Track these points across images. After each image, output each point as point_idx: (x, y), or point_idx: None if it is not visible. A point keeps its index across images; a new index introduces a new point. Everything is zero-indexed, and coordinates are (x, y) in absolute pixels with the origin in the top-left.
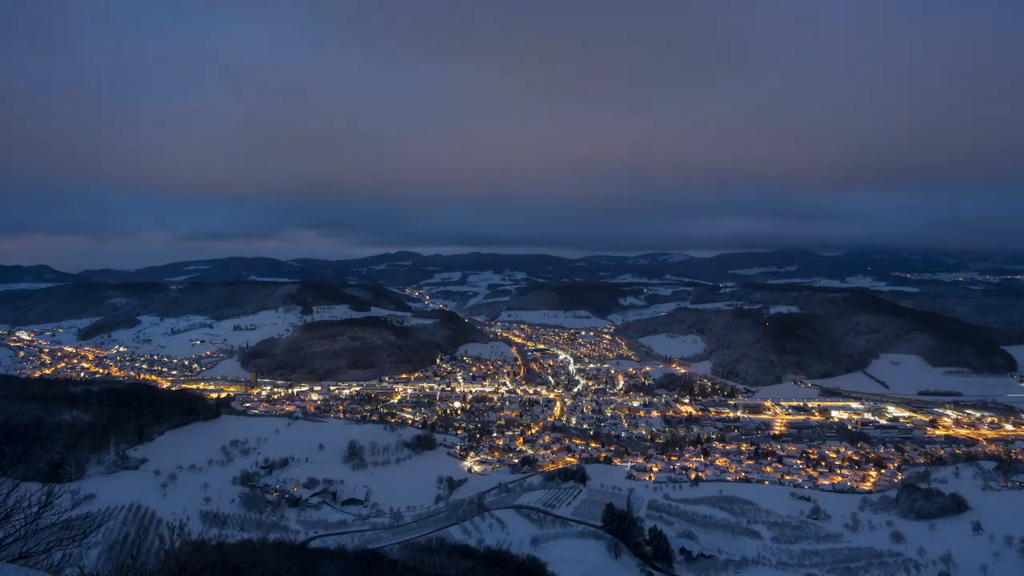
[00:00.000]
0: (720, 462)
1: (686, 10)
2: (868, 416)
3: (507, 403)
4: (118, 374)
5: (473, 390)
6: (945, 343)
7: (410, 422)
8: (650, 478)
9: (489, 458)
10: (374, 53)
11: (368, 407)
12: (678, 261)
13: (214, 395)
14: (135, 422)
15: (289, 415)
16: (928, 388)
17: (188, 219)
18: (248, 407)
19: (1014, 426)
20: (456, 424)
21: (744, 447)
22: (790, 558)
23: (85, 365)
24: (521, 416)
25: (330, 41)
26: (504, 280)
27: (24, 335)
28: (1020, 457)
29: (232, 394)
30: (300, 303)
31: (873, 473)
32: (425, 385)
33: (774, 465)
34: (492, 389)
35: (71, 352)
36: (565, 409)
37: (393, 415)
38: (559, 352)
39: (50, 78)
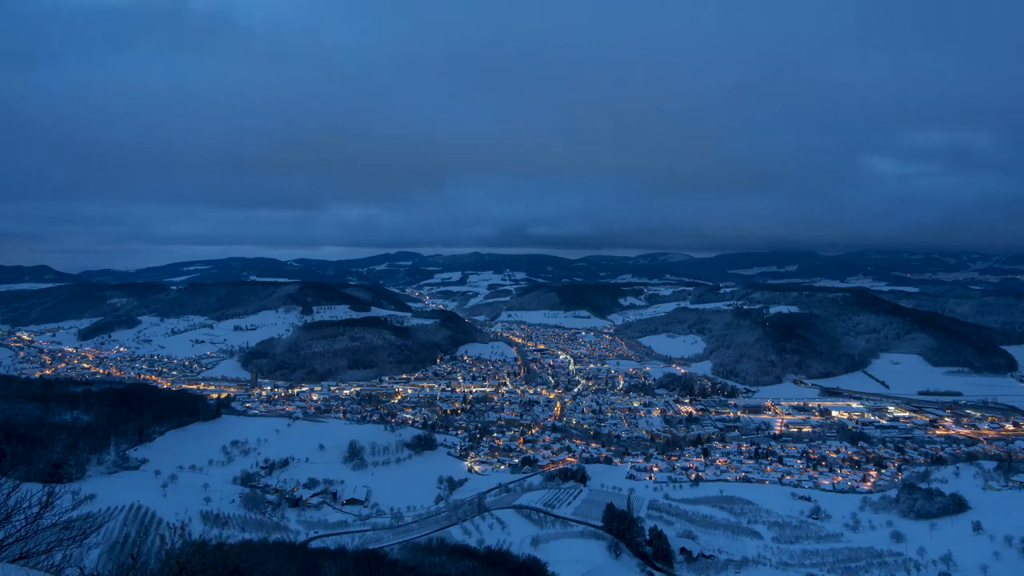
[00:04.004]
0: (720, 462)
1: None
2: (868, 416)
3: (507, 403)
4: (118, 374)
5: (473, 390)
6: (945, 343)
7: (410, 422)
8: (650, 478)
9: (489, 458)
10: None
11: (368, 407)
12: (678, 261)
13: (214, 395)
14: (135, 422)
15: (289, 415)
16: (928, 388)
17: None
18: (248, 407)
19: (1014, 426)
20: (456, 424)
21: (744, 447)
22: (790, 558)
23: (85, 365)
24: (521, 416)
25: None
26: (504, 280)
27: (24, 335)
28: (1020, 457)
29: (232, 394)
30: (300, 303)
31: (873, 473)
32: (425, 385)
33: (774, 465)
34: (492, 389)
35: (71, 352)
36: (565, 409)
37: (393, 415)
38: (559, 352)
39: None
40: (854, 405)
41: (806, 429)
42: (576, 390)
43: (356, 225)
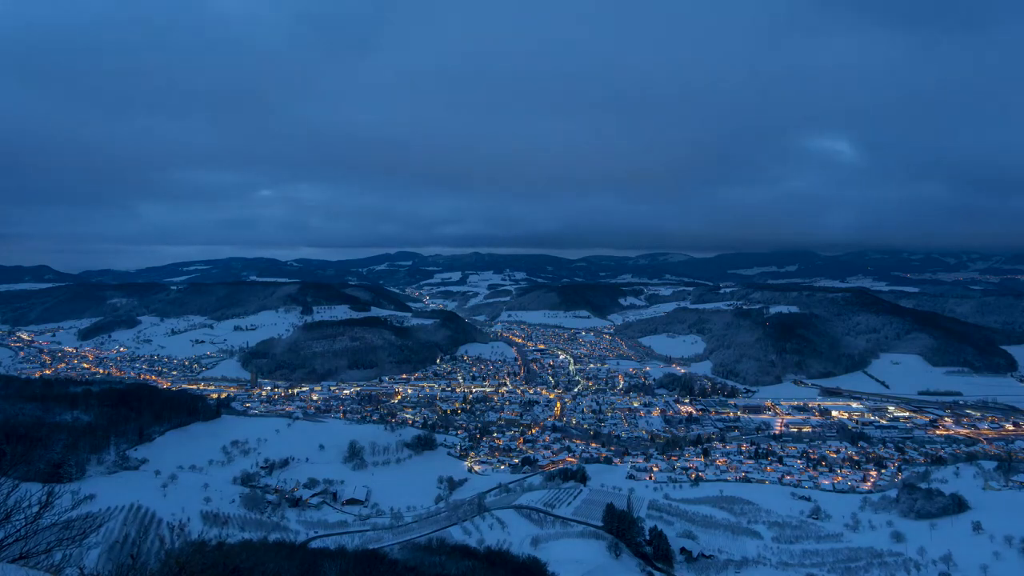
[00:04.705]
0: (720, 462)
1: None
2: (868, 416)
3: (507, 403)
4: (118, 374)
5: (473, 390)
6: (945, 343)
7: (410, 422)
8: (650, 478)
9: (489, 458)
10: None
11: (368, 407)
12: (678, 261)
13: (214, 395)
14: (135, 422)
15: (289, 415)
16: (928, 388)
17: None
18: (248, 407)
19: (1014, 426)
20: (456, 424)
21: (744, 447)
22: (790, 558)
23: (85, 365)
24: (521, 416)
25: None
26: (504, 280)
27: (24, 335)
28: (1020, 457)
29: (232, 394)
30: (300, 303)
31: (873, 473)
32: (425, 385)
33: (774, 465)
34: (492, 389)
35: (71, 352)
36: (565, 409)
37: (393, 415)
38: (559, 352)
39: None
40: (854, 405)
41: (806, 429)
42: (576, 390)
43: None
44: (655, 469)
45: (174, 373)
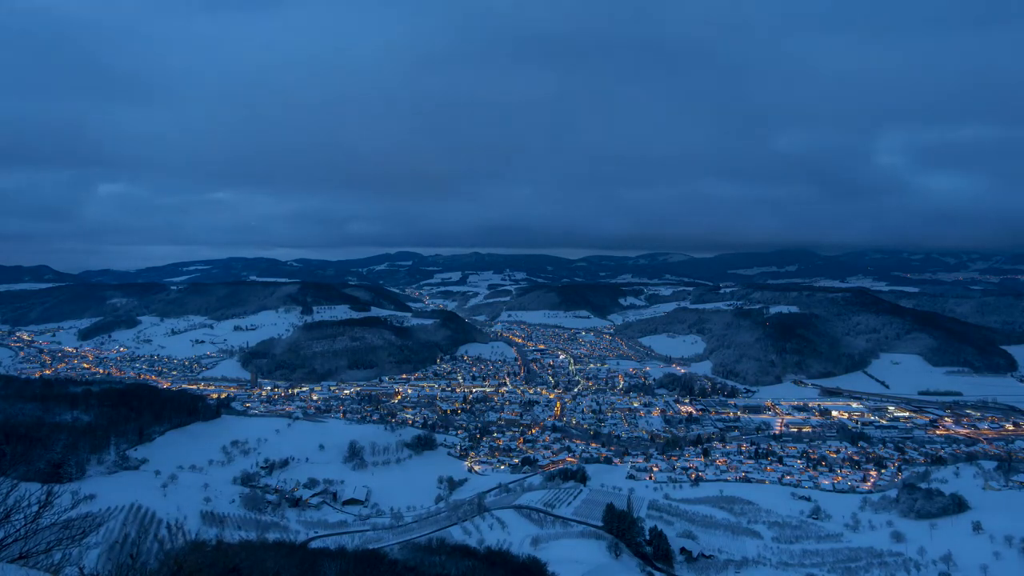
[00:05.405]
0: (720, 462)
1: None
2: (868, 416)
3: (507, 403)
4: (118, 374)
5: (473, 390)
6: (945, 343)
7: (410, 422)
8: (650, 478)
9: (489, 458)
10: None
11: (368, 407)
12: (678, 261)
13: (214, 395)
14: (135, 422)
15: (289, 415)
16: (928, 388)
17: None
18: (248, 407)
19: (1014, 426)
20: (456, 424)
21: (744, 447)
22: (790, 558)
23: (85, 366)
24: (521, 416)
25: None
26: (504, 280)
27: (24, 335)
28: (1020, 457)
29: (232, 394)
30: (300, 303)
31: (873, 473)
32: (425, 385)
33: (774, 465)
34: (492, 389)
35: (71, 352)
36: (565, 409)
37: (393, 415)
38: (559, 352)
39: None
40: (854, 405)
41: (806, 429)
42: (576, 390)
43: None
44: (655, 469)
45: (174, 373)
